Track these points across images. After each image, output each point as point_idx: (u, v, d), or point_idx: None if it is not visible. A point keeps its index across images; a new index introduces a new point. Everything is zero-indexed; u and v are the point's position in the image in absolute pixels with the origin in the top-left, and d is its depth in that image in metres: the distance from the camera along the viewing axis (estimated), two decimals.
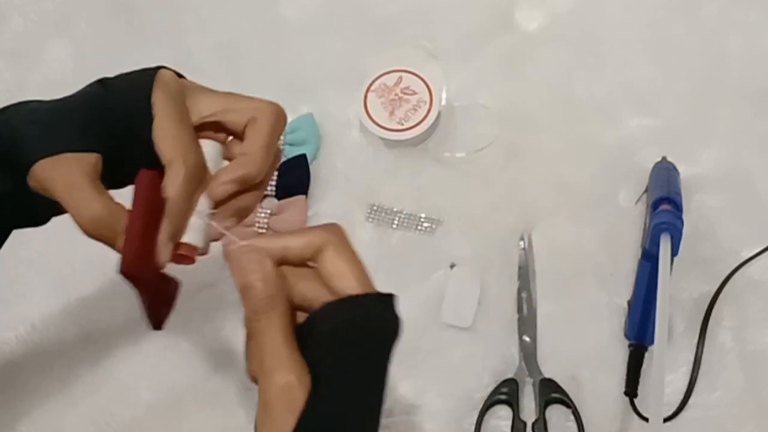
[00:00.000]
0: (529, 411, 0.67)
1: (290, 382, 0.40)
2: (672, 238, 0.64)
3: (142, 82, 0.49)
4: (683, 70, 0.79)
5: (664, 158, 0.73)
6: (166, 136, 0.47)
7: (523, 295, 0.70)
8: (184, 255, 0.49)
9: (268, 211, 0.73)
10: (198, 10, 0.87)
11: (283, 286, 0.43)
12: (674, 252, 0.64)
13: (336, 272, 0.43)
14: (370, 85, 0.79)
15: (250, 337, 0.43)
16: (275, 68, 0.83)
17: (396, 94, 0.78)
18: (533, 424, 0.66)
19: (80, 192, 0.46)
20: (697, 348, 0.67)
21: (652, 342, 0.63)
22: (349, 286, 0.43)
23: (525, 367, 0.68)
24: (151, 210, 0.47)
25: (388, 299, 0.44)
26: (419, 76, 0.79)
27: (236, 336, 0.72)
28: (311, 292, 0.44)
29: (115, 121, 0.48)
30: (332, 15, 0.86)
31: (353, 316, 0.43)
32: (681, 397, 0.66)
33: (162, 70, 0.50)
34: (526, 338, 0.69)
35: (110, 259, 0.77)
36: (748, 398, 0.66)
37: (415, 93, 0.78)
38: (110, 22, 0.89)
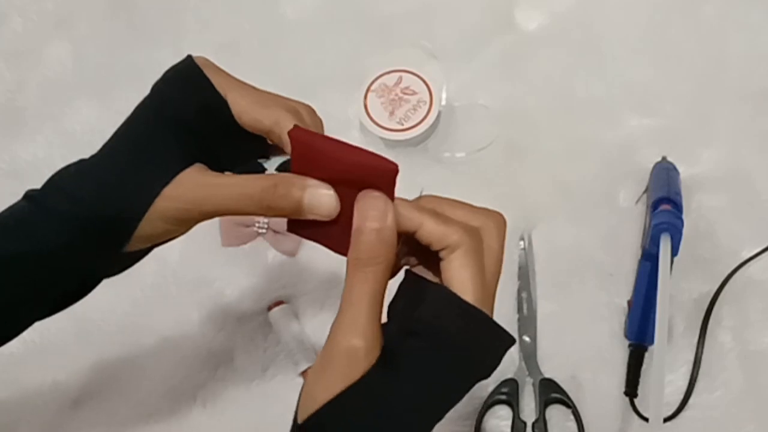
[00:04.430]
0: (529, 411, 0.67)
1: (357, 348, 0.38)
2: (672, 238, 0.64)
3: (183, 76, 0.46)
4: (683, 70, 0.79)
5: (664, 158, 0.73)
6: (249, 103, 0.45)
7: (523, 295, 0.70)
8: None
9: None
10: (198, 10, 0.87)
11: (393, 250, 0.40)
12: (674, 252, 0.64)
13: (456, 281, 0.40)
14: (370, 85, 0.79)
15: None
16: (275, 68, 0.83)
17: (396, 94, 0.78)
18: (533, 424, 0.66)
19: (228, 185, 0.42)
20: (697, 348, 0.67)
21: (652, 342, 0.63)
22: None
23: (525, 367, 0.68)
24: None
25: (505, 343, 0.41)
26: (419, 76, 0.79)
27: (236, 335, 0.72)
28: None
29: (193, 124, 0.44)
30: (332, 15, 0.86)
31: (467, 327, 0.39)
32: (681, 397, 0.66)
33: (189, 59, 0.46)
34: (526, 338, 0.69)
35: None
36: (748, 398, 0.66)
37: (415, 93, 0.78)
38: (110, 22, 0.88)
